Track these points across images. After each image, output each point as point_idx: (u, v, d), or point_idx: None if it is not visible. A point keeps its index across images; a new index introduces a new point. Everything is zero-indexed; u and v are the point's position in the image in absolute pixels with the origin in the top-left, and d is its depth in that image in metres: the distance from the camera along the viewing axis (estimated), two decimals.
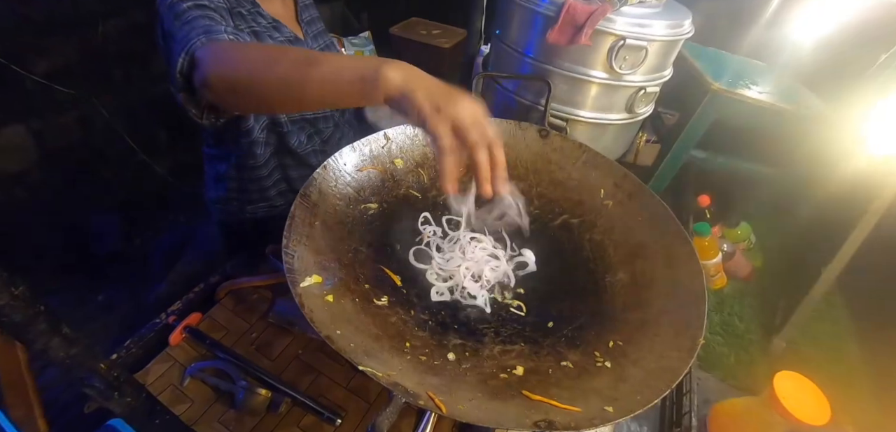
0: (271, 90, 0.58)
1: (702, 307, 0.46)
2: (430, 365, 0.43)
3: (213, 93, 0.61)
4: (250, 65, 0.58)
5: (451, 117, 0.45)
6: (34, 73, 1.82)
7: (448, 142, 0.44)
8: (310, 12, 0.98)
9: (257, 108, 0.68)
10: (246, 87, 0.59)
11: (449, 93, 0.46)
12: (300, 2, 0.95)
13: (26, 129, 1.89)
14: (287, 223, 0.49)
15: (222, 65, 0.60)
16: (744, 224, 1.04)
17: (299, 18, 0.93)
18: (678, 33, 0.75)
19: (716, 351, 0.89)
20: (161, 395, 0.68)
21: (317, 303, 0.44)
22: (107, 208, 2.05)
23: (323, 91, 0.53)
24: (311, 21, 0.97)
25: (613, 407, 0.37)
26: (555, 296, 0.60)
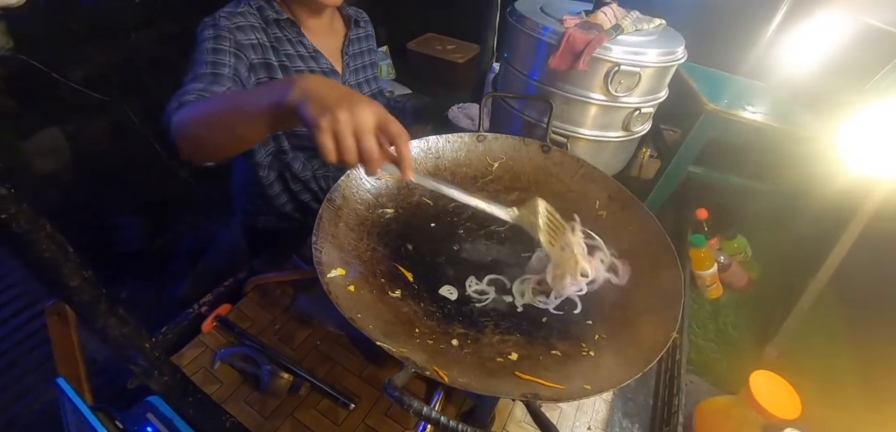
0: (222, 139, 0.66)
1: (677, 307, 0.52)
2: (437, 348, 0.49)
3: (184, 155, 0.70)
4: (201, 126, 0.65)
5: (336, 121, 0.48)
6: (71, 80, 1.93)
7: (328, 142, 0.48)
8: (361, 45, 1.03)
9: (223, 155, 0.72)
10: (203, 146, 0.68)
11: (341, 100, 0.49)
12: (353, 35, 1.00)
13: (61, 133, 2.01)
14: (316, 223, 0.57)
15: (183, 134, 0.67)
16: (740, 237, 1.09)
17: (344, 51, 0.99)
18: (671, 60, 0.81)
19: (709, 357, 0.93)
20: (194, 377, 0.75)
21: (341, 291, 0.51)
22: (133, 209, 2.15)
23: (252, 124, 0.59)
24: (358, 54, 1.03)
25: (591, 385, 0.42)
26: None
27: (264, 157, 0.94)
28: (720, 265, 1.06)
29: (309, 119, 0.49)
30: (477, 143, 0.81)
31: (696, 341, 0.95)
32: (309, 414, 0.71)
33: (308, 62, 0.91)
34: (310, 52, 0.91)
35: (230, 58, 0.79)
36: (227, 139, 0.65)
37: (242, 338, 0.80)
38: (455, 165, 0.80)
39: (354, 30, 1.01)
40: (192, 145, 0.68)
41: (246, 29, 0.83)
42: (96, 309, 0.56)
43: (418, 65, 2.13)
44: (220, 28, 0.80)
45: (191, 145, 0.68)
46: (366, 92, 1.04)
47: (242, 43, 0.81)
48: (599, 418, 0.75)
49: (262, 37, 0.85)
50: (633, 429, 0.77)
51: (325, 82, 0.53)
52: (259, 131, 0.61)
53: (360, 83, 1.02)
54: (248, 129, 0.61)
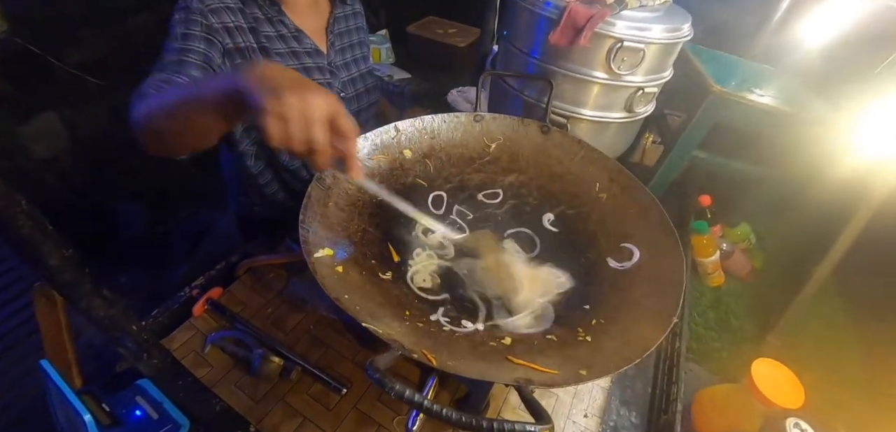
0: (180, 132, 0.63)
1: (679, 292, 0.50)
2: (427, 331, 0.48)
3: (150, 151, 0.68)
4: (158, 119, 0.62)
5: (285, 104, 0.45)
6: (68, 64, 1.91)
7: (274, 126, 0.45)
8: (347, 24, 0.99)
9: (186, 150, 0.68)
10: (163, 140, 0.65)
11: (293, 84, 0.47)
12: (338, 13, 0.96)
13: (59, 118, 1.99)
14: (304, 202, 0.55)
15: (143, 129, 0.65)
16: (743, 224, 1.07)
17: (329, 30, 0.95)
18: (676, 36, 0.78)
19: (709, 346, 0.91)
20: (184, 360, 0.74)
21: (328, 271, 0.49)
22: (132, 196, 2.14)
23: (208, 115, 0.57)
24: (344, 33, 0.98)
25: (588, 371, 0.41)
26: None
27: (249, 146, 0.92)
28: (723, 252, 1.04)
29: (256, 102, 0.46)
30: (474, 124, 0.79)
31: (696, 329, 0.94)
32: (300, 398, 0.70)
33: (290, 43, 0.87)
34: (291, 32, 0.87)
35: (200, 43, 0.74)
36: (184, 132, 0.62)
37: (234, 322, 0.79)
38: (451, 146, 0.77)
39: (340, 7, 0.97)
40: (152, 140, 0.66)
41: (220, 11, 0.78)
42: (79, 289, 0.55)
43: (418, 49, 2.09)
44: (191, 11, 0.76)
45: (152, 140, 0.66)
46: (354, 72, 1.00)
47: (215, 26, 0.76)
48: (596, 405, 0.73)
49: (239, 18, 0.80)
50: (630, 417, 0.76)
51: (280, 68, 0.50)
52: (215, 122, 0.58)
53: (347, 63, 0.98)
54: (203, 120, 0.58)
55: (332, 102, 0.49)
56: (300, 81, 0.48)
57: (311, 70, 0.91)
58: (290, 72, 0.50)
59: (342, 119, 0.50)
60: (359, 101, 1.01)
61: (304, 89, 0.47)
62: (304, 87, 0.47)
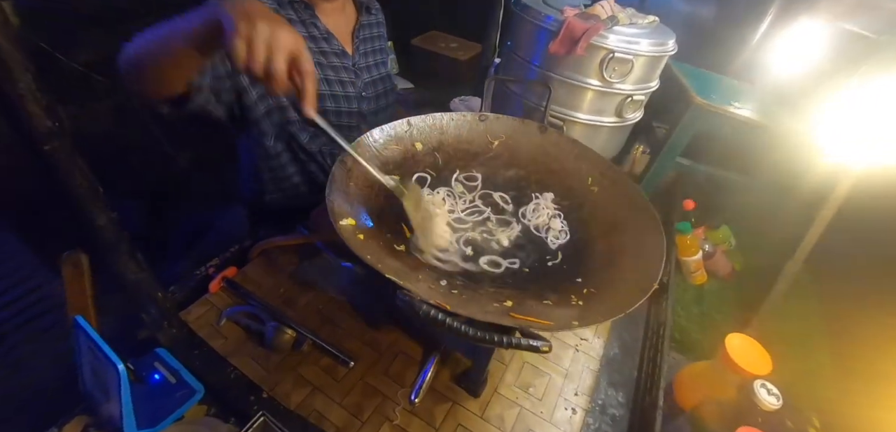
0: (161, 63, 0.66)
1: (659, 264, 0.56)
2: (438, 291, 0.53)
3: (133, 90, 0.70)
4: (140, 55, 0.66)
5: (254, 29, 0.50)
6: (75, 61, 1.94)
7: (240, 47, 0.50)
8: (372, 31, 1.08)
9: (165, 85, 0.71)
10: (146, 76, 0.69)
11: (265, 16, 0.51)
12: (364, 21, 1.04)
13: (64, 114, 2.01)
14: (328, 180, 0.61)
15: (127, 66, 0.69)
16: (724, 227, 1.14)
17: (355, 35, 1.03)
18: (662, 50, 0.87)
19: (692, 338, 0.97)
20: (200, 332, 0.78)
21: (351, 235, 0.55)
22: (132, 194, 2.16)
23: (188, 42, 0.60)
24: (369, 39, 1.07)
25: (578, 321, 0.47)
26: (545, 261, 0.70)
27: (270, 127, 0.97)
28: (705, 253, 1.11)
29: (228, 23, 0.51)
30: (479, 123, 0.85)
31: (679, 322, 1.00)
32: (311, 369, 0.75)
33: (320, 44, 0.95)
34: (322, 34, 0.95)
35: None
36: (165, 62, 0.66)
37: (248, 298, 0.83)
38: (457, 141, 0.84)
39: (365, 16, 1.05)
40: (137, 76, 0.69)
41: None
42: (118, 249, 0.60)
43: (422, 60, 2.18)
44: None
45: (136, 76, 0.69)
46: (375, 75, 1.07)
47: None
48: (586, 386, 0.79)
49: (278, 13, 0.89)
50: (617, 396, 0.81)
51: (257, 3, 0.54)
52: (193, 49, 0.62)
53: (370, 66, 1.06)
54: (182, 48, 0.62)
55: (296, 39, 0.53)
56: (271, 16, 0.52)
57: (339, 69, 0.98)
58: (264, 8, 0.54)
59: (302, 56, 0.54)
60: (378, 102, 1.09)
61: (274, 22, 0.51)
62: (273, 20, 0.52)
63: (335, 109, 0.99)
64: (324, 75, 0.96)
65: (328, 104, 0.98)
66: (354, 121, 1.04)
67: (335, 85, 0.98)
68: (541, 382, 0.78)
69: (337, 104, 0.99)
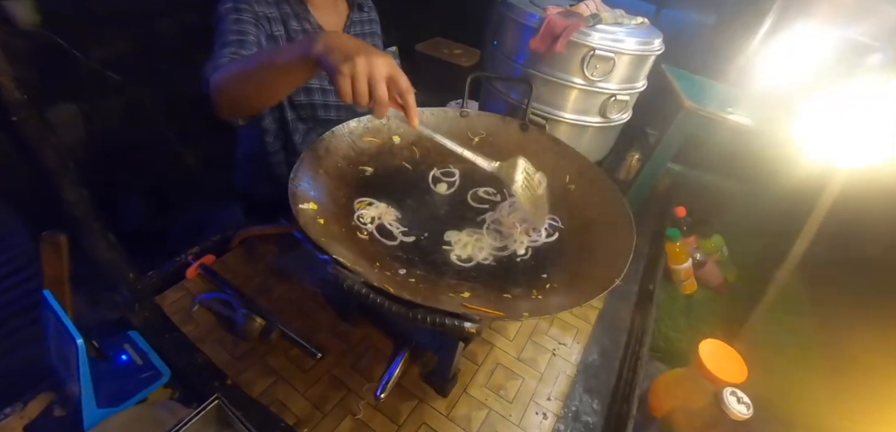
0: (255, 93, 0.73)
1: (624, 262, 0.55)
2: (393, 280, 0.52)
3: (223, 112, 0.78)
4: (237, 82, 0.73)
5: (354, 67, 0.54)
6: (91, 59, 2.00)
7: (346, 85, 0.55)
8: (364, 28, 1.10)
9: (257, 108, 0.82)
10: (239, 99, 0.76)
11: (359, 50, 0.56)
12: (355, 17, 1.07)
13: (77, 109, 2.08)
14: (296, 163, 0.61)
15: (222, 92, 0.75)
16: (716, 236, 1.11)
17: (347, 31, 1.05)
18: (646, 50, 0.86)
19: (677, 348, 0.94)
20: (173, 317, 0.78)
21: (310, 219, 0.55)
22: (138, 189, 2.20)
23: (284, 76, 0.67)
24: (360, 36, 1.09)
25: (529, 313, 0.45)
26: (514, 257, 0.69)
27: (271, 124, 1.00)
28: (696, 262, 1.08)
29: (331, 65, 0.56)
30: (460, 118, 0.85)
31: (665, 332, 0.97)
32: (278, 359, 0.74)
33: None
34: (314, 28, 0.97)
35: (251, 27, 0.85)
36: (259, 92, 0.73)
37: (223, 286, 0.83)
38: None
39: (357, 12, 1.07)
40: (229, 101, 0.76)
41: (261, 1, 0.90)
42: (88, 226, 0.60)
43: (425, 66, 2.20)
44: (239, 1, 0.87)
45: (228, 101, 0.76)
46: None
47: (259, 13, 0.88)
48: (560, 390, 0.77)
49: (274, 11, 0.92)
50: (592, 403, 0.79)
51: (346, 37, 0.60)
52: (288, 82, 0.70)
53: None
54: (278, 80, 0.69)
55: (390, 63, 0.58)
56: (365, 47, 0.57)
57: None
58: (355, 39, 0.59)
59: (400, 77, 0.58)
60: None
61: (369, 53, 0.56)
62: (368, 51, 0.56)
63: (323, 103, 1.01)
64: None
65: (317, 98, 0.99)
66: (344, 116, 1.05)
67: (325, 79, 1.00)
68: (513, 385, 0.76)
69: (326, 98, 1.01)
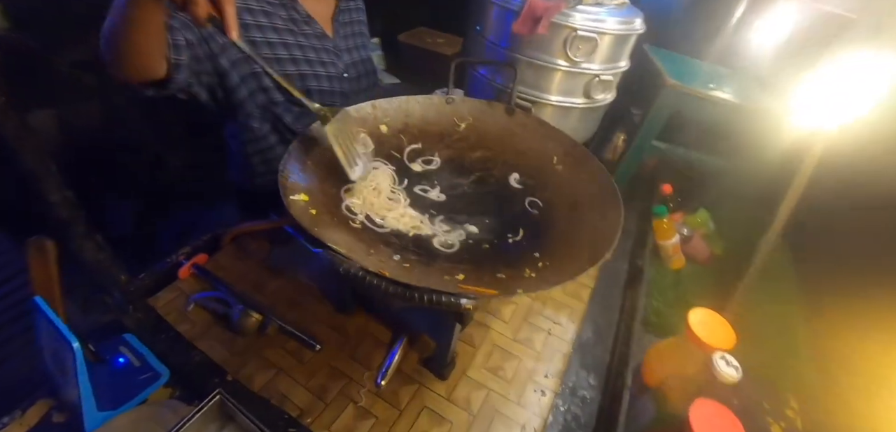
0: (126, 31, 0.67)
1: (614, 237, 0.56)
2: (387, 265, 0.53)
3: (111, 68, 0.73)
4: (112, 30, 0.68)
5: None
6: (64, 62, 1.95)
7: None
8: (350, 16, 1.10)
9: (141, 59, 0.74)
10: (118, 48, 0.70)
11: None
12: (343, 5, 1.06)
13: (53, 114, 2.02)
14: (285, 154, 0.61)
15: (105, 48, 0.71)
16: (702, 210, 1.13)
17: (335, 19, 1.05)
18: (628, 29, 0.87)
19: (668, 322, 0.97)
20: (167, 317, 0.78)
21: (302, 210, 0.55)
22: (121, 194, 2.16)
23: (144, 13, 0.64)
24: (348, 24, 1.09)
25: (523, 290, 0.46)
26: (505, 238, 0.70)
27: (255, 109, 0.98)
28: (683, 237, 1.10)
29: None
30: (446, 105, 0.86)
31: (656, 306, 0.99)
32: (276, 352, 0.75)
33: (301, 26, 0.97)
34: (303, 17, 0.97)
35: None
36: (128, 30, 0.68)
37: (217, 284, 0.83)
38: (424, 123, 0.84)
39: (345, 2, 1.07)
40: (112, 58, 0.72)
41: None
42: (73, 228, 0.60)
43: (408, 56, 2.18)
44: None
45: (112, 58, 0.72)
46: (356, 58, 1.10)
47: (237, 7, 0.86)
48: (557, 368, 0.79)
49: (260, 2, 0.91)
50: (588, 378, 0.81)
51: None
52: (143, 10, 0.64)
53: (350, 49, 1.09)
54: (138, 8, 0.64)
55: None
56: None
57: (320, 51, 1.01)
58: None
59: None
60: (359, 82, 1.11)
61: None
62: None
63: (318, 88, 1.01)
64: (305, 56, 0.98)
65: (311, 83, 1.00)
66: (337, 101, 1.06)
67: (317, 65, 1.00)
68: (510, 365, 0.78)
69: (320, 83, 1.01)
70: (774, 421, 0.85)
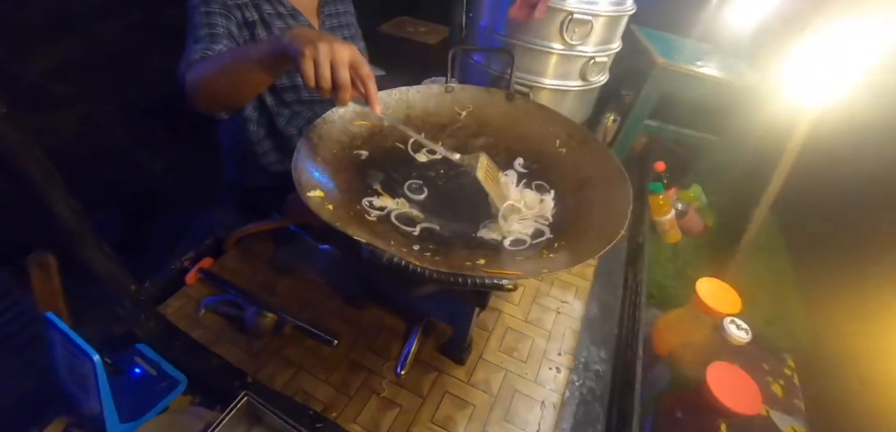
0: (232, 89, 0.77)
1: (625, 215, 0.58)
2: (411, 254, 0.54)
3: (201, 108, 0.81)
4: (212, 79, 0.76)
5: (317, 50, 0.57)
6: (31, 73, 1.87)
7: (309, 68, 0.57)
8: (336, 7, 1.10)
9: (236, 102, 0.85)
10: (216, 96, 0.79)
11: (322, 37, 0.59)
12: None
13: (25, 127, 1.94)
14: (295, 154, 0.61)
15: (198, 90, 0.77)
16: (694, 185, 1.17)
17: (320, 11, 1.05)
18: (620, 10, 0.89)
19: (668, 294, 1.01)
20: (179, 324, 0.77)
21: (320, 205, 0.55)
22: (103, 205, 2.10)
23: (258, 71, 0.70)
24: (334, 15, 1.09)
25: (547, 269, 0.48)
26: None
27: (251, 112, 0.98)
28: (678, 212, 1.14)
29: (295, 50, 0.59)
30: (445, 94, 0.86)
31: (656, 279, 1.03)
32: (294, 351, 0.75)
33: (287, 20, 0.96)
34: (288, 11, 0.96)
35: (221, 19, 0.85)
36: (236, 87, 0.77)
37: (226, 287, 0.82)
38: (425, 114, 0.84)
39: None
40: (205, 97, 0.79)
41: None
42: (82, 239, 0.59)
43: (391, 47, 2.17)
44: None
45: (204, 97, 0.79)
46: None
47: (229, 3, 0.86)
48: (568, 345, 0.81)
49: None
50: (599, 353, 0.83)
51: (312, 31, 0.64)
52: (261, 76, 0.72)
53: None
54: (253, 76, 0.72)
55: (353, 51, 0.60)
56: (328, 37, 0.60)
57: None
58: (321, 32, 0.62)
59: (362, 65, 0.61)
60: None
61: (332, 40, 0.59)
62: (330, 38, 0.59)
63: (292, 99, 1.01)
64: None
65: (298, 78, 0.99)
66: (311, 110, 1.05)
67: None
68: (524, 345, 0.80)
69: None
70: (774, 380, 0.89)
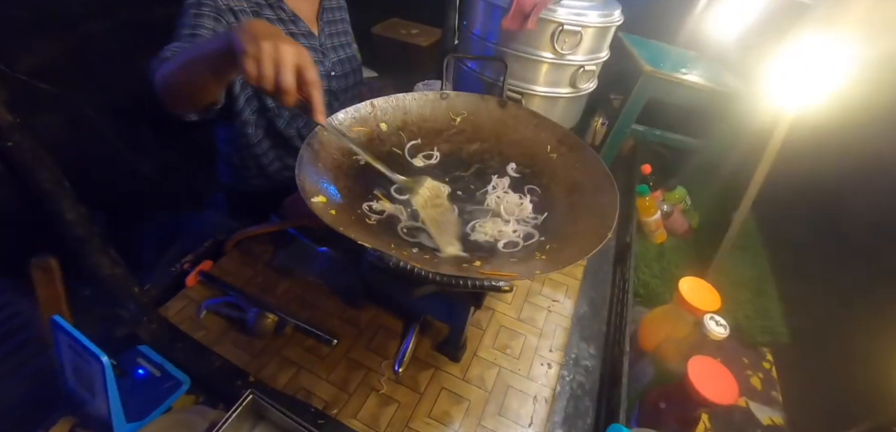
0: (191, 84, 0.74)
1: (613, 217, 0.61)
2: (411, 257, 0.57)
3: (168, 107, 0.78)
4: (173, 76, 0.74)
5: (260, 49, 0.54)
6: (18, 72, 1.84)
7: (251, 66, 0.54)
8: (334, 15, 1.12)
9: (199, 101, 0.80)
10: (180, 94, 0.77)
11: (268, 34, 0.55)
12: (326, 4, 1.08)
13: None
14: (297, 161, 0.63)
15: (163, 87, 0.76)
16: (679, 187, 1.22)
17: (320, 17, 1.06)
18: (609, 21, 0.92)
19: (655, 292, 1.05)
20: (180, 326, 0.79)
21: (324, 210, 0.57)
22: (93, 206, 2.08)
23: (212, 65, 0.67)
24: (332, 22, 1.11)
25: (541, 270, 0.51)
26: None
27: (250, 115, 1.00)
28: (664, 213, 1.18)
29: (239, 46, 0.55)
30: (440, 100, 0.89)
31: (643, 278, 1.07)
32: (294, 350, 0.77)
33: (288, 25, 0.98)
34: (289, 16, 0.98)
35: (209, 21, 0.84)
36: (194, 84, 0.74)
37: (226, 290, 0.84)
38: (421, 120, 0.87)
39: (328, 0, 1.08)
40: (170, 96, 0.77)
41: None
42: (89, 244, 0.60)
43: (384, 49, 2.19)
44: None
45: (169, 96, 0.77)
46: (341, 55, 1.12)
47: (222, 7, 0.87)
48: (559, 342, 0.85)
49: (242, 2, 0.91)
50: (589, 349, 0.87)
51: (263, 23, 0.59)
52: (215, 74, 0.69)
53: (335, 47, 1.10)
54: (207, 71, 0.69)
55: (301, 53, 0.57)
56: (277, 33, 0.57)
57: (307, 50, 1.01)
58: (271, 26, 0.59)
59: (308, 69, 0.57)
60: (346, 79, 1.13)
61: (278, 39, 0.55)
62: (278, 37, 0.55)
63: None
64: None
65: None
66: (325, 99, 1.07)
67: None
68: (517, 343, 0.83)
69: None
70: (753, 373, 0.94)
